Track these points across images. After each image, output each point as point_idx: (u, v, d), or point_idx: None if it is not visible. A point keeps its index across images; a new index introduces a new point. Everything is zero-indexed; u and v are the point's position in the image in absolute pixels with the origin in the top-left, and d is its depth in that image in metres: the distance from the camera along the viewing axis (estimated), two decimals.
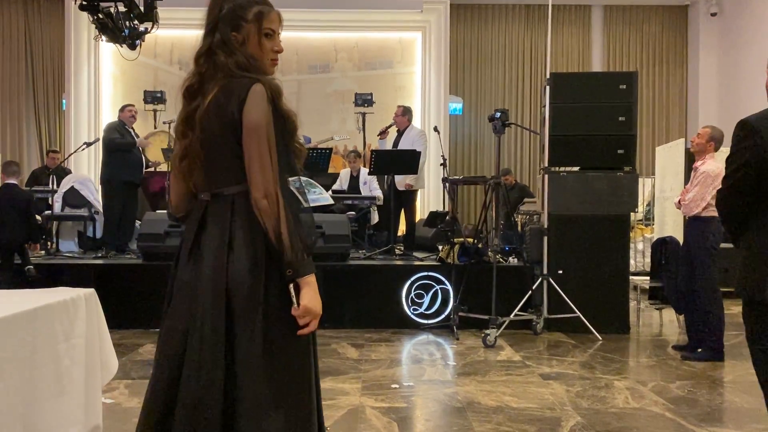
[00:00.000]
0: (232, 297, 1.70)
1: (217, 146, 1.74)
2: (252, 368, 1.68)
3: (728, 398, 3.90)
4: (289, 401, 1.71)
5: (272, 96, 1.71)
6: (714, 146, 4.79)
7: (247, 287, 1.69)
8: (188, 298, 1.75)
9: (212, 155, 1.75)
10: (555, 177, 5.91)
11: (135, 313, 5.70)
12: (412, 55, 10.65)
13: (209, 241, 1.75)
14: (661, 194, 8.77)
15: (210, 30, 1.80)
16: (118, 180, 6.87)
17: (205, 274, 1.73)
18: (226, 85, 1.73)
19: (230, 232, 1.72)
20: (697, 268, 4.72)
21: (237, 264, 1.70)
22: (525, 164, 11.41)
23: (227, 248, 1.71)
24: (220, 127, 1.72)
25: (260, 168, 1.67)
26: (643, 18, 11.55)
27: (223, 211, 1.74)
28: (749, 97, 10.44)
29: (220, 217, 1.75)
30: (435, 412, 3.64)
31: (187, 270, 1.78)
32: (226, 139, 1.72)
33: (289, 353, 1.74)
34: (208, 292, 1.71)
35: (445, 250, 6.06)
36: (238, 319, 1.70)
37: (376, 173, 7.01)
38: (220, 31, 1.77)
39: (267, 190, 1.66)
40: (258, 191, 1.67)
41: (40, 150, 11.04)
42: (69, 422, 2.41)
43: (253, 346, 1.68)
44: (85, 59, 10.04)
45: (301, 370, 1.75)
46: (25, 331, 2.16)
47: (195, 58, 1.80)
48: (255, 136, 1.68)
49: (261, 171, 1.67)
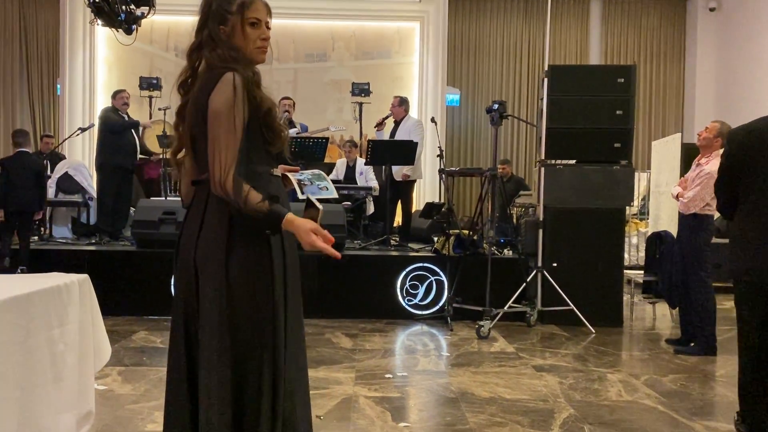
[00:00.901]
0: (199, 275, 1.84)
1: (199, 135, 1.83)
2: (209, 330, 1.83)
3: (720, 392, 3.92)
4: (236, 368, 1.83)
5: (243, 83, 1.77)
6: (721, 142, 4.69)
7: (209, 266, 1.82)
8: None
9: (196, 145, 1.86)
10: (551, 170, 5.91)
11: (128, 300, 5.69)
12: (410, 45, 10.60)
13: (189, 227, 1.90)
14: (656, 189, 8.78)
15: (201, 26, 1.89)
16: (111, 165, 6.84)
17: (182, 257, 1.90)
18: (205, 77, 1.84)
19: (203, 216, 1.85)
20: (689, 263, 4.73)
21: (203, 245, 1.84)
22: (521, 157, 11.41)
23: (198, 231, 1.85)
24: (197, 116, 1.82)
25: (213, 153, 1.76)
26: (642, 12, 11.53)
27: (203, 196, 1.86)
28: (746, 93, 10.45)
29: (200, 203, 1.87)
30: (428, 402, 3.65)
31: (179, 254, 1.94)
32: (202, 128, 1.80)
33: (247, 327, 1.84)
34: (183, 273, 1.88)
35: (441, 242, 6.06)
36: (202, 299, 1.83)
37: (372, 163, 6.99)
38: (208, 27, 1.87)
39: (219, 175, 1.74)
40: (213, 176, 1.76)
41: (34, 134, 10.96)
42: (62, 408, 2.40)
43: (212, 316, 1.82)
44: (80, 44, 9.94)
45: (256, 343, 1.84)
46: (19, 315, 2.15)
47: (187, 54, 1.90)
48: (214, 123, 1.76)
49: (214, 156, 1.75)
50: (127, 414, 3.28)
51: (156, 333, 5.16)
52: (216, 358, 1.81)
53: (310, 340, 5.01)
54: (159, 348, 4.71)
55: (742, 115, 10.39)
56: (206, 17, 1.88)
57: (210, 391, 1.82)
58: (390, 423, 3.24)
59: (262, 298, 1.83)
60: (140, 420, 3.19)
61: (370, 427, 3.18)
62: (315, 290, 5.83)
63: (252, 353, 1.83)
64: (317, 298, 5.83)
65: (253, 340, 1.83)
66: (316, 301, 5.83)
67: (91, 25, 8.55)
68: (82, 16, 9.64)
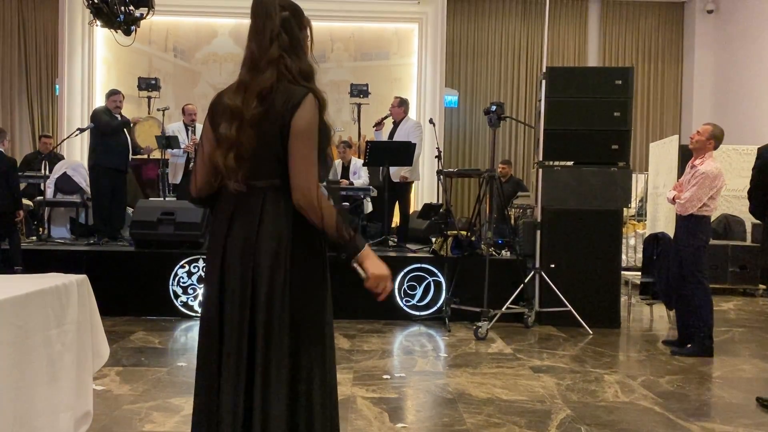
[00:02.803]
0: (256, 284, 1.84)
1: (265, 144, 1.83)
2: (276, 332, 1.86)
3: (717, 393, 3.93)
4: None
5: (320, 107, 1.84)
6: (714, 144, 4.72)
7: (268, 273, 1.84)
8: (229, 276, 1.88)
9: (259, 151, 1.84)
10: (549, 171, 5.92)
11: (127, 301, 5.69)
12: (409, 47, 10.62)
13: (242, 228, 1.87)
14: (654, 190, 8.80)
15: (276, 33, 1.84)
16: (103, 166, 6.82)
17: (234, 260, 1.87)
18: (283, 90, 1.83)
19: (260, 218, 1.85)
20: (686, 264, 4.74)
21: (267, 250, 1.85)
22: (519, 158, 11.42)
23: (256, 235, 1.85)
24: (271, 127, 1.82)
25: (304, 168, 1.81)
26: (640, 14, 11.56)
27: (256, 201, 1.86)
28: (744, 94, 10.48)
29: (251, 206, 1.87)
30: (426, 403, 3.65)
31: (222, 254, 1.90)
32: (274, 139, 1.82)
33: (309, 329, 1.91)
34: (237, 278, 1.86)
35: (439, 243, 6.07)
36: (260, 307, 1.84)
37: (371, 164, 7.00)
38: (289, 34, 1.85)
39: (309, 189, 1.80)
40: (300, 189, 1.81)
41: (33, 135, 10.98)
42: (60, 408, 2.41)
43: (280, 319, 1.85)
44: (79, 44, 9.95)
45: (320, 352, 1.93)
46: (17, 316, 2.15)
47: (265, 61, 1.83)
48: (302, 140, 1.81)
49: (305, 171, 1.81)
50: (125, 414, 3.28)
51: (154, 333, 5.16)
52: (283, 357, 1.86)
53: None
54: (157, 348, 4.72)
55: (739, 116, 10.46)
56: (281, 23, 1.84)
57: (275, 390, 1.84)
58: (387, 423, 3.25)
59: (320, 305, 1.95)
60: (138, 420, 3.20)
61: (368, 427, 3.19)
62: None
63: (310, 354, 1.91)
64: None
65: (313, 342, 1.92)
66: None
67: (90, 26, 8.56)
68: (81, 17, 9.66)
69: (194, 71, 10.65)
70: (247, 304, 1.86)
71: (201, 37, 10.61)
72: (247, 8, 1.93)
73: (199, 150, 1.98)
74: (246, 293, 1.86)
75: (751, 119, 10.19)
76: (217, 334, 1.88)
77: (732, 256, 7.90)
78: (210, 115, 1.93)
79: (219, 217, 1.94)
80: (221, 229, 1.91)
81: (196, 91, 10.56)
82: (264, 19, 1.85)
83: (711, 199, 4.65)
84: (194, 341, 5.13)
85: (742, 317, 6.57)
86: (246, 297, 1.86)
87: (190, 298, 5.79)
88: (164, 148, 7.43)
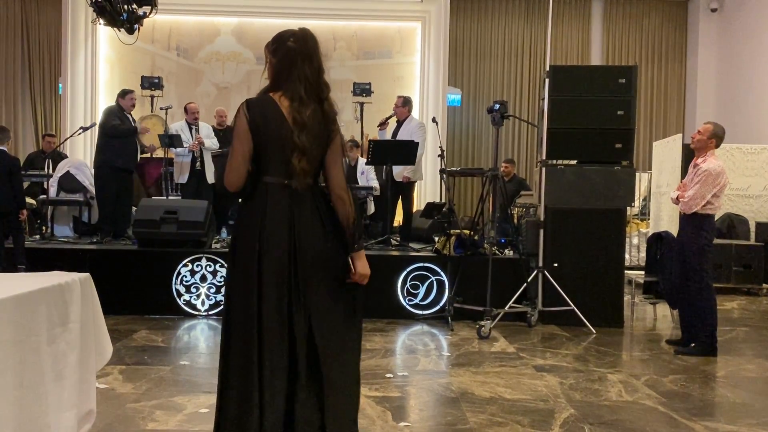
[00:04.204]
0: (322, 266, 2.28)
1: (315, 150, 2.25)
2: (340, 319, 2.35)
3: (720, 393, 3.92)
4: None
5: None
6: (715, 143, 4.71)
7: (338, 260, 2.32)
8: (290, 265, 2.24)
9: (310, 154, 2.25)
10: (552, 170, 5.91)
11: (130, 299, 5.70)
12: (412, 45, 10.61)
13: (304, 222, 2.25)
14: (657, 189, 8.79)
15: (308, 59, 2.26)
16: (111, 166, 6.82)
17: (306, 247, 2.24)
18: (319, 108, 2.26)
19: (320, 215, 2.29)
20: (691, 263, 4.72)
21: (332, 241, 2.30)
22: (522, 157, 11.41)
23: (322, 228, 2.28)
24: (319, 138, 2.25)
25: (342, 173, 2.31)
26: (643, 12, 11.54)
27: (314, 197, 2.29)
28: (747, 93, 10.45)
29: (309, 201, 2.28)
30: (429, 402, 3.65)
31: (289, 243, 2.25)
32: (321, 148, 2.27)
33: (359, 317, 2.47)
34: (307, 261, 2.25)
35: (442, 242, 6.06)
36: (327, 289, 2.28)
37: (374, 163, 7.00)
38: (315, 61, 2.27)
39: (346, 188, 2.30)
40: (341, 188, 2.29)
41: (36, 133, 11.00)
42: (63, 406, 2.41)
43: (340, 306, 2.33)
44: (82, 43, 9.96)
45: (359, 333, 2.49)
46: (21, 314, 2.16)
47: (315, 94, 2.26)
48: (339, 152, 2.32)
49: (342, 175, 2.31)
50: (129, 413, 3.29)
51: (157, 332, 5.17)
52: (345, 345, 2.32)
53: None
54: (160, 347, 4.72)
55: (743, 115, 10.43)
56: (313, 52, 2.28)
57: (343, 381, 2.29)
58: (390, 422, 3.25)
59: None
60: (141, 419, 3.20)
61: (371, 426, 3.19)
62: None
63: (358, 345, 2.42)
64: None
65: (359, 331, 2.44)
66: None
67: (93, 25, 8.58)
68: (84, 16, 9.66)
69: (197, 70, 10.65)
70: (301, 293, 2.23)
71: (204, 35, 10.61)
72: (250, 7, 1.96)
73: (238, 149, 2.22)
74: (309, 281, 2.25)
75: (755, 118, 10.16)
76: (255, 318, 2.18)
77: (736, 255, 7.88)
78: (248, 118, 2.21)
79: (273, 210, 2.25)
80: (281, 220, 2.25)
81: (199, 90, 10.56)
82: (310, 50, 2.28)
83: (715, 197, 4.63)
84: (197, 340, 5.13)
85: (745, 316, 6.56)
86: (306, 287, 2.25)
87: (193, 296, 5.79)
88: (167, 146, 7.44)
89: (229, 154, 2.24)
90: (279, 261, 2.20)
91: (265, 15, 10.03)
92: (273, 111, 2.22)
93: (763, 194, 8.76)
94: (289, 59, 2.23)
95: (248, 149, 2.21)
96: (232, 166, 2.21)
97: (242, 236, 2.27)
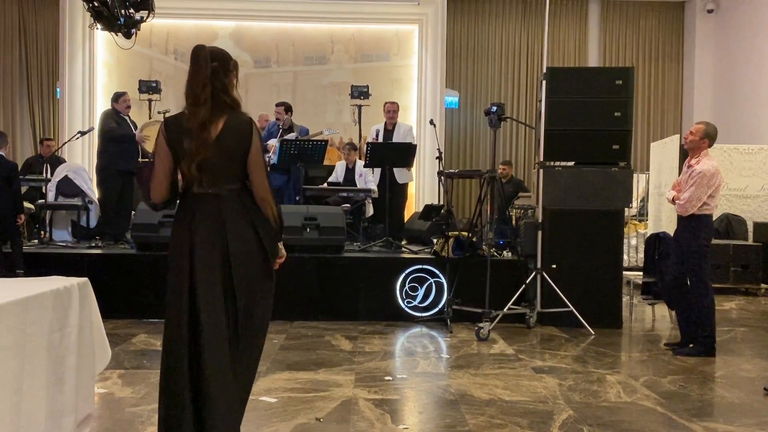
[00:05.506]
0: (252, 270, 2.52)
1: (231, 157, 2.47)
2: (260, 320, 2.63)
3: (719, 393, 3.93)
4: None
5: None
6: (708, 143, 4.72)
7: (266, 263, 2.56)
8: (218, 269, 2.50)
9: (225, 163, 2.46)
10: (550, 171, 5.91)
11: (128, 303, 5.69)
12: (409, 48, 10.62)
13: (233, 224, 2.48)
14: (655, 190, 8.79)
15: (209, 80, 2.44)
16: (114, 169, 6.83)
17: (237, 250, 2.48)
18: (232, 117, 2.48)
19: (251, 217, 2.50)
20: (689, 265, 4.72)
21: (268, 242, 2.54)
22: (520, 158, 11.41)
23: (253, 229, 2.50)
24: (236, 144, 2.47)
25: (262, 175, 2.52)
26: (640, 13, 11.55)
27: (233, 200, 2.49)
28: (744, 94, 10.47)
29: (238, 205, 2.49)
30: (428, 404, 3.65)
31: (215, 248, 2.48)
32: (239, 153, 2.48)
33: None
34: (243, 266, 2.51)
35: (440, 244, 6.07)
36: (256, 291, 2.54)
37: (371, 166, 7.01)
38: (219, 79, 2.47)
39: (267, 190, 2.52)
40: (263, 190, 2.52)
41: (34, 138, 10.98)
42: (62, 410, 2.41)
43: (266, 308, 2.62)
44: (80, 47, 9.95)
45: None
46: (19, 319, 2.16)
47: (202, 100, 2.42)
48: (259, 155, 2.52)
49: (263, 177, 2.52)
50: (128, 417, 3.28)
51: (156, 336, 5.16)
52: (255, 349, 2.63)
53: (310, 342, 5.02)
54: (159, 351, 4.69)
55: (740, 116, 10.45)
56: (213, 72, 2.47)
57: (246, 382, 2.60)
58: (389, 425, 3.25)
59: None
60: (140, 423, 3.20)
61: (370, 429, 3.19)
62: (315, 292, 5.84)
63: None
64: (317, 301, 5.84)
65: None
66: (315, 303, 5.84)
67: (90, 29, 8.56)
68: (82, 20, 9.65)
69: None
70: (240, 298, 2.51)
71: (201, 39, 10.38)
72: (248, 10, 1.99)
73: (158, 164, 2.48)
74: (246, 286, 2.52)
75: (751, 118, 10.18)
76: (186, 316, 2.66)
77: (734, 255, 7.89)
78: (165, 136, 2.46)
79: (198, 217, 2.48)
80: (207, 224, 2.49)
81: None
82: (200, 67, 2.45)
83: (710, 198, 4.64)
84: None
85: (744, 317, 6.56)
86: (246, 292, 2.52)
87: None
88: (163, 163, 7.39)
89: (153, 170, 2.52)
90: (209, 265, 2.50)
91: (262, 19, 10.02)
92: (185, 125, 2.45)
93: (760, 194, 8.77)
94: (190, 74, 2.48)
95: (168, 163, 2.49)
96: (154, 182, 2.50)
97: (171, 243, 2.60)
